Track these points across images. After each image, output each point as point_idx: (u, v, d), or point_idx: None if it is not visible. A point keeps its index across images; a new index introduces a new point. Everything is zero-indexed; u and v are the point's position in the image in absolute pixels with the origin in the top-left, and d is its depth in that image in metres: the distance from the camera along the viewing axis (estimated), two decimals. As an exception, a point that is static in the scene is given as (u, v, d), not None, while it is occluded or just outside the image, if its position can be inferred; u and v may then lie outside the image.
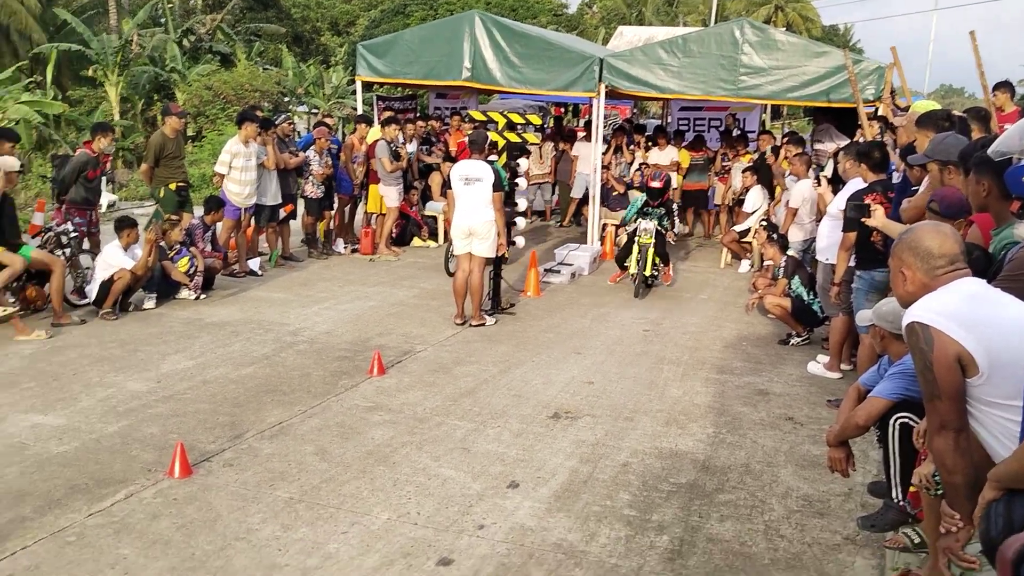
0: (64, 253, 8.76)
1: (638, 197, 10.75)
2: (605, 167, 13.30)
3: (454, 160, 11.69)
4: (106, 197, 10.25)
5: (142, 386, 6.57)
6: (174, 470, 5.01)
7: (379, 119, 13.12)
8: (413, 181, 13.00)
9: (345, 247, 12.29)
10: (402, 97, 15.85)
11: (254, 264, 10.69)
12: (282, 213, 11.11)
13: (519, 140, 10.12)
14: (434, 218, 13.27)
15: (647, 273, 10.08)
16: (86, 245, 9.27)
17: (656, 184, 10.26)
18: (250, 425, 5.84)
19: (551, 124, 18.93)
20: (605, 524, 4.59)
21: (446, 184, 10.15)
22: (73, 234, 8.94)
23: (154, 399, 6.30)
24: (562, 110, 23.71)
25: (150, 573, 4.02)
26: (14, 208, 8.34)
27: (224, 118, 22.75)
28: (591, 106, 12.79)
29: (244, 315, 8.72)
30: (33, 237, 9.11)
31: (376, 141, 11.75)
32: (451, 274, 9.82)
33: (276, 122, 11.25)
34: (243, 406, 6.20)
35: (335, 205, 12.08)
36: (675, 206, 10.69)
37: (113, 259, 8.56)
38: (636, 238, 10.12)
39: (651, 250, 10.07)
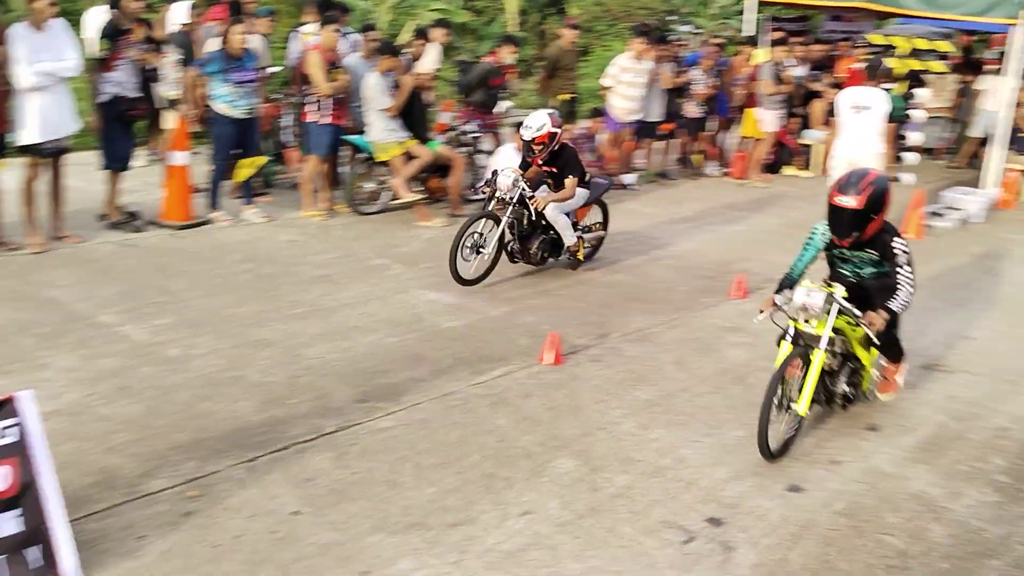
0: (465, 151, 9.63)
1: (816, 229, 4.79)
2: (1018, 105, 11.81)
3: (840, 87, 11.04)
4: (502, 104, 11.13)
5: (522, 279, 7.19)
6: (545, 357, 5.49)
7: (770, 40, 12.71)
8: (795, 107, 12.51)
9: (717, 169, 12.24)
10: (794, 18, 15.15)
11: (629, 178, 11.03)
12: (660, 131, 11.28)
13: (922, 68, 9.31)
14: (810, 147, 12.72)
15: (802, 412, 4.48)
16: (484, 146, 10.09)
17: (848, 202, 4.43)
18: (616, 327, 6.20)
19: (958, 54, 17.08)
20: (973, 486, 4.34)
21: (829, 112, 9.67)
22: (474, 134, 9.79)
23: (531, 292, 6.88)
24: (970, 38, 21.20)
25: (521, 444, 4.51)
26: (424, 106, 9.29)
27: (612, 35, 23.17)
28: (1007, 35, 11.29)
29: (616, 226, 9.04)
30: (439, 134, 10.10)
31: (761, 63, 11.44)
32: (457, 277, 6.74)
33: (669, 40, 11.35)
34: (611, 308, 6.59)
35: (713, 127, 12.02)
36: (902, 247, 4.56)
37: (508, 161, 9.27)
38: (792, 321, 4.62)
39: (820, 361, 4.47)
